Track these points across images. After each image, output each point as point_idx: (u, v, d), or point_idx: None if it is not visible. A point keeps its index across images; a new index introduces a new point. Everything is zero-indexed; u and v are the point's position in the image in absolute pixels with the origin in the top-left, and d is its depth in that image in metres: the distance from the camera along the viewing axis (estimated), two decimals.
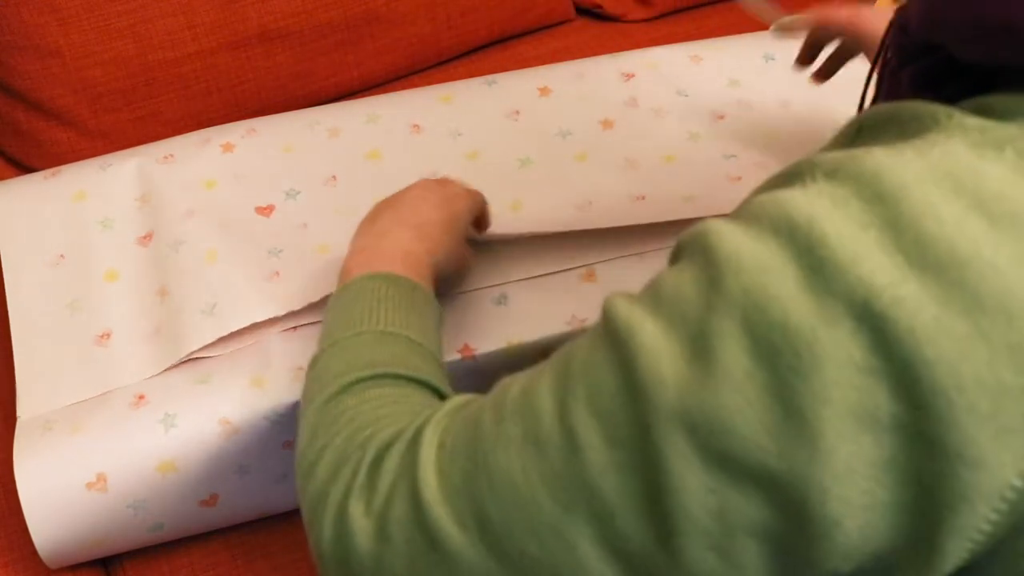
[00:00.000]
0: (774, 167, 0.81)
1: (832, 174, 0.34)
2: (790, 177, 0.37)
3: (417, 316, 0.57)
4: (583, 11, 1.23)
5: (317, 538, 0.46)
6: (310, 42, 1.03)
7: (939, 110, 0.35)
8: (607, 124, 0.88)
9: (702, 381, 0.33)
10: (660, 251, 0.79)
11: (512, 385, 0.42)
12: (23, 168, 1.00)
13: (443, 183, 0.68)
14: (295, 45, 1.03)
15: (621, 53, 0.96)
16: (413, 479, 0.42)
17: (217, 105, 1.02)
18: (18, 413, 0.70)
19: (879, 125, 0.38)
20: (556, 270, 0.78)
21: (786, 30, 0.78)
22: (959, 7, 0.36)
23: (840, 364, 0.32)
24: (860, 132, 0.39)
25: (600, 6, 1.21)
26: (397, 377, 0.52)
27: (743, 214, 0.36)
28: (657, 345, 0.35)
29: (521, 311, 0.74)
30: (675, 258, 0.39)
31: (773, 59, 0.95)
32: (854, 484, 0.32)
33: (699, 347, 0.34)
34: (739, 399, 0.33)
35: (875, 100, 0.48)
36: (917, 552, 0.34)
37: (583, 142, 0.86)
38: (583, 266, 0.78)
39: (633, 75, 0.93)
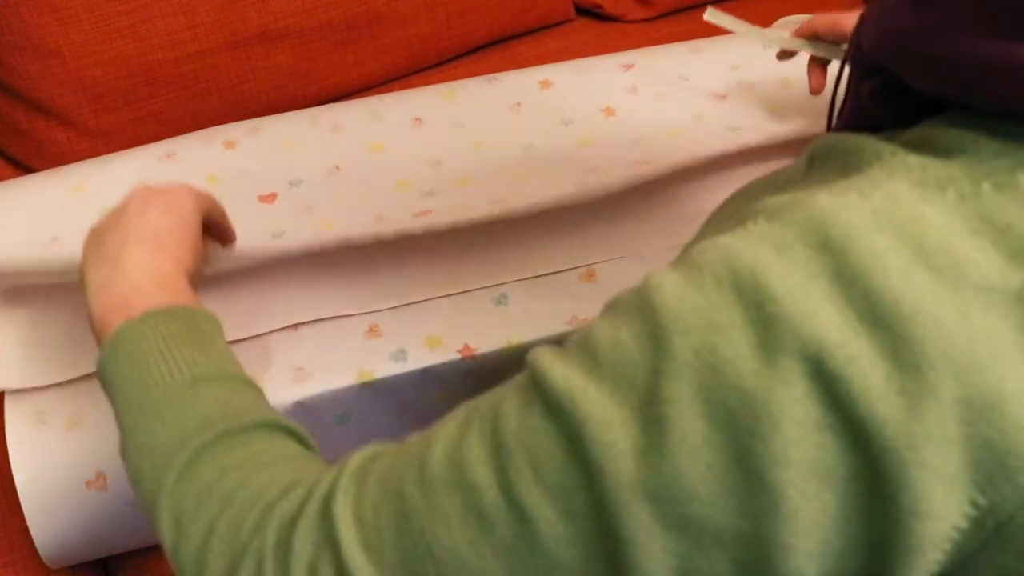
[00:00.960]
0: (781, 136, 0.83)
1: (774, 216, 0.34)
2: (727, 216, 0.37)
3: (211, 344, 0.51)
4: (583, 11, 1.23)
5: None
6: (310, 42, 1.03)
7: (883, 148, 0.35)
8: (609, 111, 0.88)
9: (659, 450, 0.33)
10: (660, 251, 0.79)
11: (432, 446, 0.38)
12: (23, 168, 1.00)
13: (160, 188, 0.59)
14: (295, 45, 1.03)
15: (621, 52, 0.96)
16: (339, 560, 0.38)
17: (217, 105, 1.02)
18: (1, 385, 0.69)
19: (827, 156, 0.38)
20: (556, 270, 0.78)
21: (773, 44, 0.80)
22: (905, 41, 0.36)
23: (798, 423, 0.31)
24: (811, 163, 0.39)
25: (600, 6, 1.21)
26: (243, 430, 0.46)
27: (684, 262, 0.35)
28: (605, 415, 0.34)
29: (521, 311, 0.74)
30: (608, 310, 0.37)
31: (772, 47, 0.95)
32: (816, 538, 0.32)
33: (651, 414, 0.33)
34: (699, 464, 0.32)
35: (842, 108, 0.48)
36: None
37: (586, 129, 0.86)
38: (583, 266, 0.78)
39: (633, 65, 0.93)
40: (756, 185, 0.45)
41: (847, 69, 0.47)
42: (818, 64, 0.80)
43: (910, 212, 0.32)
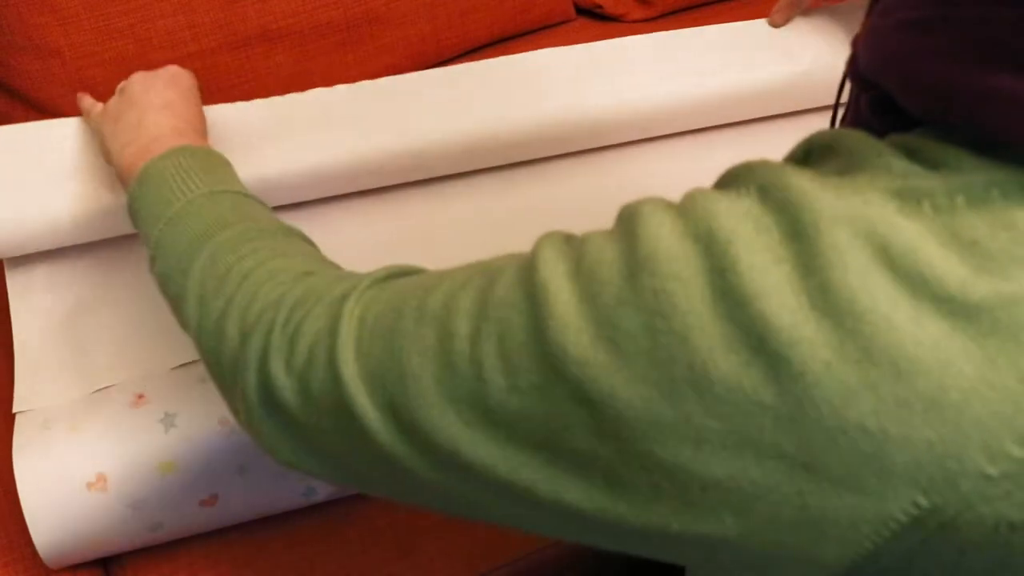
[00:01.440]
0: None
1: (763, 192, 0.35)
2: (733, 178, 0.38)
3: (225, 172, 0.58)
4: (583, 11, 1.23)
5: (242, 396, 0.47)
6: (310, 42, 1.03)
7: (871, 149, 0.36)
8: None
9: (601, 363, 0.35)
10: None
11: (440, 284, 0.42)
12: None
13: (157, 71, 0.70)
14: (295, 45, 1.03)
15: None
16: (332, 350, 0.42)
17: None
18: (15, 408, 0.70)
19: (824, 151, 0.39)
20: None
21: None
22: (897, 64, 0.37)
23: (730, 388, 0.33)
24: (809, 155, 0.40)
25: (600, 6, 1.21)
26: (260, 230, 0.52)
27: (681, 203, 0.37)
28: (567, 316, 0.36)
29: None
30: (618, 217, 0.40)
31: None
32: (731, 491, 0.34)
33: (605, 331, 0.35)
34: (635, 390, 0.34)
35: (846, 112, 0.49)
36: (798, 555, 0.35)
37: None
38: None
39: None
40: None
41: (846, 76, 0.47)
42: (792, 3, 0.86)
43: (882, 217, 0.33)
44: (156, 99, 0.65)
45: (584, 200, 0.84)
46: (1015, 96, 0.32)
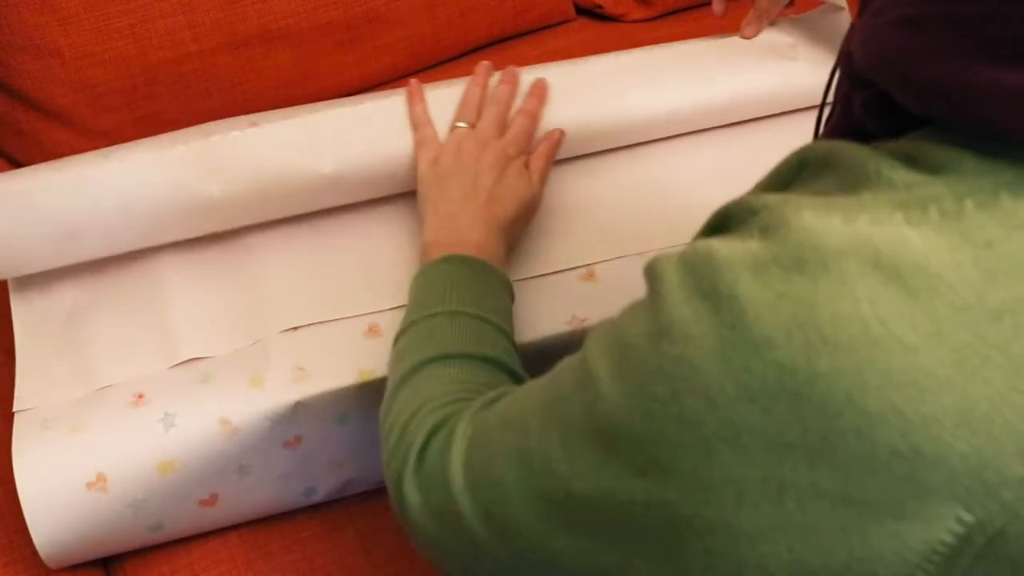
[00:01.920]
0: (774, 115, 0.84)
1: (764, 234, 0.35)
2: (733, 219, 0.38)
3: (489, 295, 0.63)
4: (583, 11, 1.23)
5: (391, 494, 0.54)
6: (310, 42, 1.03)
7: (871, 163, 0.36)
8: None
9: (641, 432, 0.36)
10: (660, 251, 0.79)
11: (526, 394, 0.45)
12: None
13: (490, 142, 0.74)
14: (295, 45, 1.03)
15: (620, 52, 0.96)
16: (446, 469, 0.47)
17: (217, 105, 1.02)
18: (15, 407, 0.70)
19: (820, 166, 0.39)
20: (556, 270, 0.78)
21: None
22: (895, 62, 0.37)
23: (757, 436, 0.33)
24: (802, 168, 0.40)
25: (600, 6, 1.21)
26: (466, 356, 0.58)
27: (687, 258, 0.37)
28: (609, 392, 0.38)
29: (521, 311, 0.74)
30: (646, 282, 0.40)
31: None
32: (779, 542, 0.35)
33: (639, 401, 0.36)
34: (675, 455, 0.35)
35: (832, 112, 0.48)
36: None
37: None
38: (583, 266, 0.78)
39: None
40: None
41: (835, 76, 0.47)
42: (760, 15, 0.89)
43: (889, 235, 0.33)
44: (480, 186, 0.70)
45: (587, 198, 0.83)
46: (1019, 91, 0.32)
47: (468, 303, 0.61)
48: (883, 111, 0.39)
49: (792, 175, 0.40)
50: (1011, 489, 0.31)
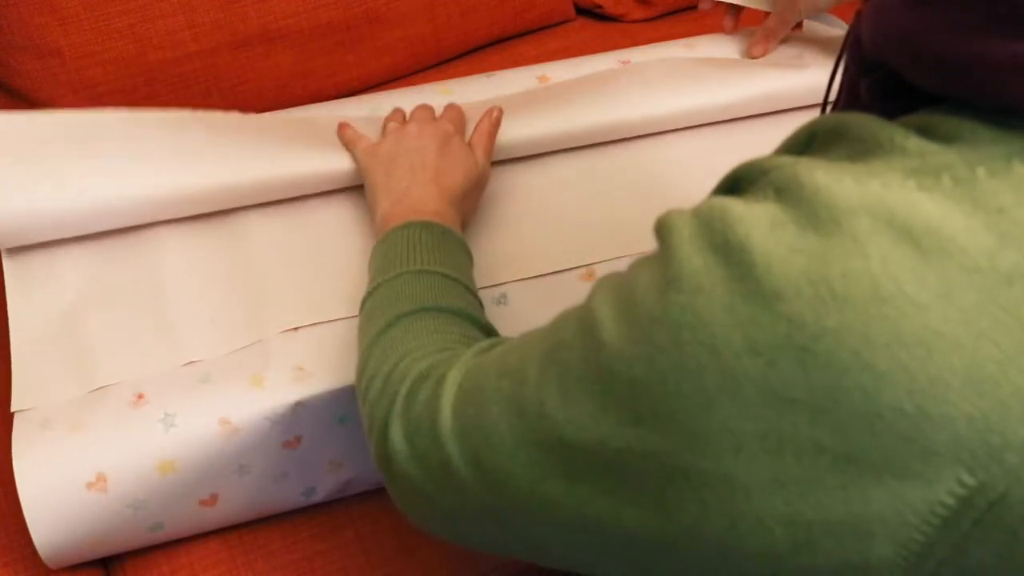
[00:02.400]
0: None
1: (779, 193, 0.35)
2: (745, 179, 0.38)
3: (449, 255, 0.64)
4: (583, 11, 1.23)
5: (372, 449, 0.54)
6: (310, 42, 1.03)
7: (882, 132, 0.36)
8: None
9: (642, 379, 0.36)
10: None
11: (523, 343, 0.45)
12: None
13: (428, 123, 0.77)
14: (295, 45, 1.03)
15: (619, 50, 0.96)
16: (435, 415, 0.47)
17: (217, 105, 1.02)
18: (12, 407, 0.69)
19: (830, 137, 0.39)
20: (556, 270, 0.78)
21: None
22: (907, 41, 0.37)
23: (760, 389, 0.33)
24: (812, 141, 0.40)
25: (600, 6, 1.21)
26: (439, 310, 0.59)
27: (701, 212, 0.37)
28: (613, 340, 0.37)
29: (521, 311, 0.74)
30: (655, 237, 0.40)
31: None
32: (776, 495, 0.35)
33: (642, 348, 0.36)
34: (673, 404, 0.35)
35: (837, 99, 0.48)
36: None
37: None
38: (583, 266, 0.78)
39: (629, 61, 0.93)
40: None
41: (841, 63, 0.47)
42: (768, 35, 0.89)
43: (902, 198, 0.33)
44: (426, 164, 0.72)
45: (586, 198, 0.84)
46: None
47: (432, 263, 0.62)
48: (891, 93, 0.39)
49: (802, 146, 0.40)
50: (1016, 453, 0.31)
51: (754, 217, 0.34)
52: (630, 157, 0.86)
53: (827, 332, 0.32)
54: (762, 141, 0.85)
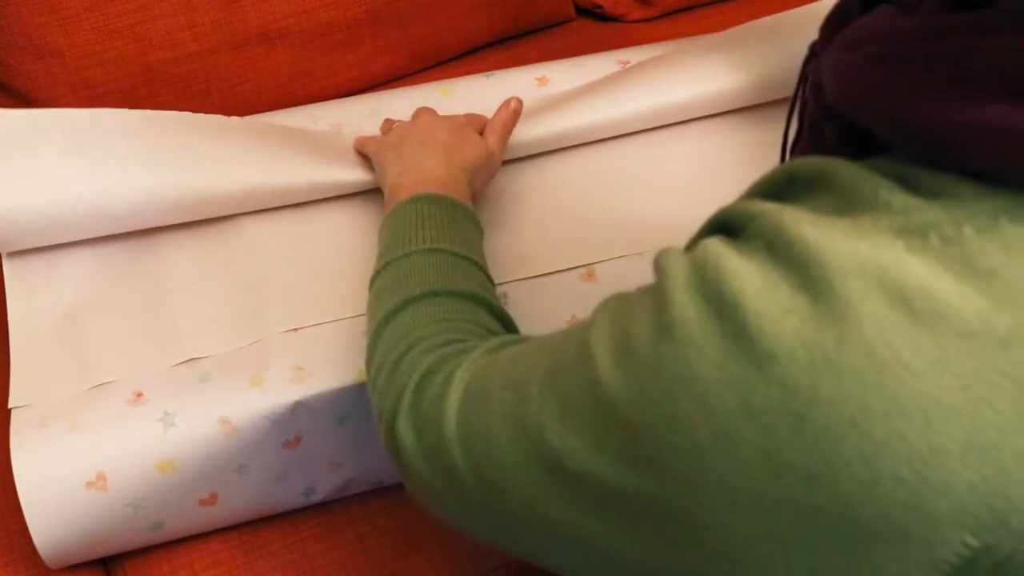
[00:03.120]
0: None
1: (771, 246, 0.35)
2: (732, 222, 0.37)
3: (459, 230, 0.63)
4: (583, 11, 1.23)
5: (381, 438, 0.54)
6: (310, 42, 1.03)
7: (866, 185, 0.35)
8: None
9: (638, 425, 0.36)
10: (669, 246, 0.79)
11: (529, 353, 0.45)
12: None
13: (438, 115, 0.77)
14: (295, 45, 1.03)
15: (618, 50, 0.96)
16: (441, 416, 0.47)
17: (217, 105, 1.02)
18: (10, 403, 0.69)
19: (811, 184, 0.37)
20: (556, 270, 0.78)
21: None
22: (869, 99, 0.36)
23: (755, 451, 0.33)
24: (791, 185, 0.39)
25: (600, 6, 1.21)
26: (448, 294, 0.58)
27: (695, 259, 0.36)
28: (609, 381, 0.37)
29: (521, 311, 0.74)
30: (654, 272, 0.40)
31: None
32: (774, 546, 0.34)
33: (634, 395, 0.36)
34: (668, 454, 0.35)
35: (799, 134, 0.48)
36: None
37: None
38: (583, 266, 0.78)
39: (629, 61, 0.93)
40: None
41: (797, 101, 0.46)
42: None
43: (893, 259, 0.32)
44: (437, 141, 0.71)
45: (586, 199, 0.84)
46: (1010, 126, 0.31)
47: (442, 240, 0.61)
48: (857, 140, 0.39)
49: (782, 189, 0.39)
50: (1021, 516, 0.31)
51: (747, 272, 0.34)
52: (630, 157, 0.86)
53: (822, 400, 0.31)
54: (761, 142, 0.85)
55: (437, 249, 0.61)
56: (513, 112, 0.79)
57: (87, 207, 0.73)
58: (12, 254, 0.76)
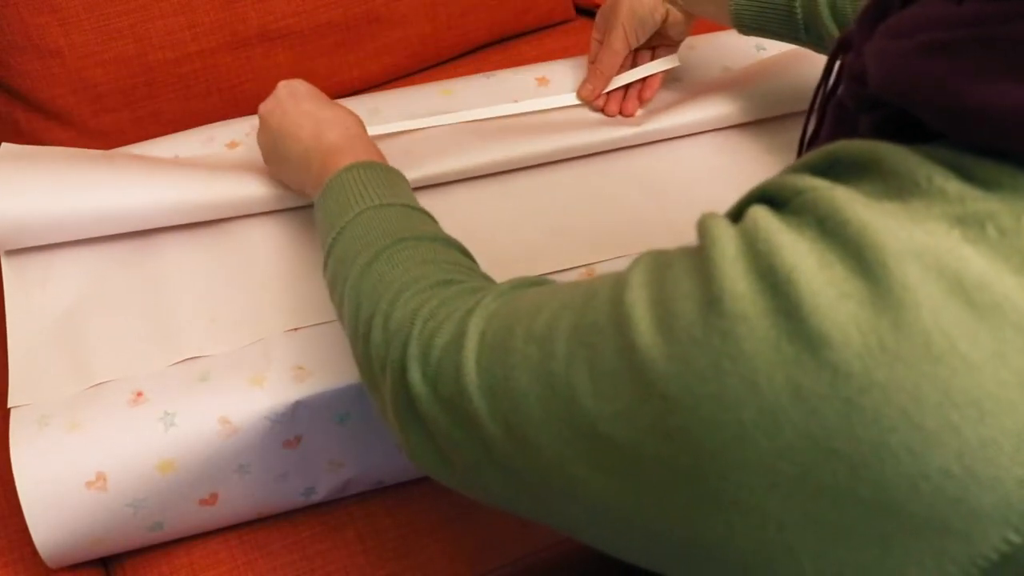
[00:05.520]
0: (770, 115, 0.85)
1: (823, 225, 0.34)
2: (776, 196, 0.36)
3: (397, 186, 0.63)
4: (583, 11, 1.23)
5: (382, 398, 0.52)
6: (310, 42, 1.03)
7: (919, 170, 0.34)
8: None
9: (677, 397, 0.35)
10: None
11: (549, 302, 0.43)
12: None
13: (282, 96, 0.74)
14: (295, 45, 1.03)
15: None
16: (459, 365, 0.45)
17: (217, 105, 1.02)
18: (9, 403, 0.69)
19: (857, 166, 0.36)
20: (556, 270, 0.78)
21: None
22: (923, 88, 0.35)
23: (801, 435, 0.32)
24: (834, 166, 0.38)
25: (600, 6, 1.21)
26: (417, 239, 0.56)
27: (745, 230, 0.35)
28: (648, 347, 0.36)
29: None
30: (698, 236, 0.38)
31: (764, 49, 0.95)
32: (808, 532, 0.34)
33: (678, 367, 0.35)
34: (707, 429, 0.34)
35: (815, 133, 0.47)
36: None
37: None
38: (583, 266, 0.78)
39: None
40: None
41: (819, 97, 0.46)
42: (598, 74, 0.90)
43: (949, 248, 0.31)
44: (305, 120, 0.70)
45: (586, 199, 0.84)
46: None
47: (388, 196, 0.61)
48: (900, 129, 0.38)
49: (823, 169, 0.38)
50: None
51: (801, 250, 0.33)
52: (630, 159, 0.86)
53: (875, 387, 0.31)
54: (762, 142, 0.86)
55: (388, 204, 0.60)
56: None
57: (88, 209, 0.73)
58: (11, 252, 0.76)
